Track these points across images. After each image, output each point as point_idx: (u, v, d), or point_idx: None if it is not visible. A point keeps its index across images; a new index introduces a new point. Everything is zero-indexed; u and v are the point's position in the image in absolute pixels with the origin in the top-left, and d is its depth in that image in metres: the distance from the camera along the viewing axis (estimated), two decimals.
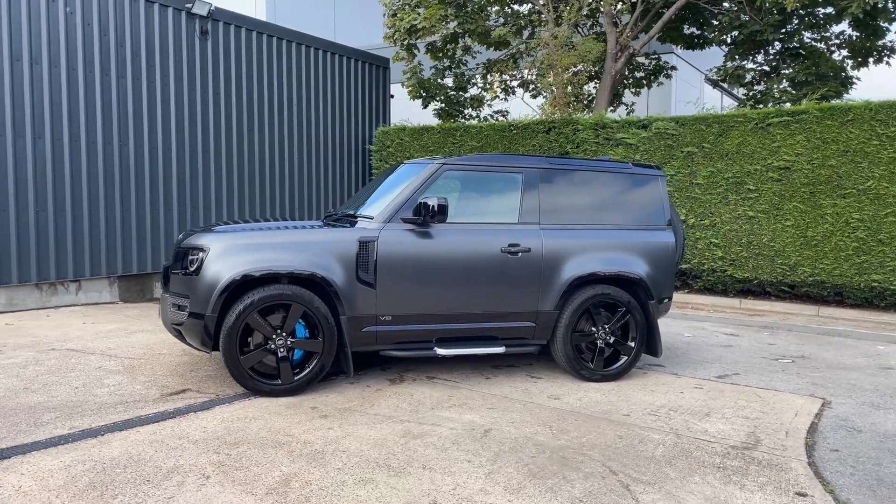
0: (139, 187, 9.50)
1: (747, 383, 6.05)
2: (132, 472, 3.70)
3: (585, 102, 13.18)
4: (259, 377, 5.15)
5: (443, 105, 13.95)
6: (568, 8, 11.67)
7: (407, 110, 14.91)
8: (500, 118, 13.97)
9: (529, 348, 5.90)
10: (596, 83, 13.01)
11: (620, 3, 11.93)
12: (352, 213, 5.95)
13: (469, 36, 12.94)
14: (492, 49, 13.86)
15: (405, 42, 12.50)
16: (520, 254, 5.71)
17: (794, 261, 9.39)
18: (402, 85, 13.59)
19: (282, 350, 5.16)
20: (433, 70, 13.63)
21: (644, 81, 15.26)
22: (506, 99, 14.66)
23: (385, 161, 12.79)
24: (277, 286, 5.13)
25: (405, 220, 5.48)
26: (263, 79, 11.17)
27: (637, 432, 4.67)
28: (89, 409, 4.75)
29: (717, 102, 21.95)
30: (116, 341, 6.88)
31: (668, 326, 8.66)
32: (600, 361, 5.95)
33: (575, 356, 5.88)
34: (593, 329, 5.94)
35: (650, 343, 6.16)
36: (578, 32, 13.28)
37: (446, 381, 5.77)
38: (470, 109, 14.42)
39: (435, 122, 13.68)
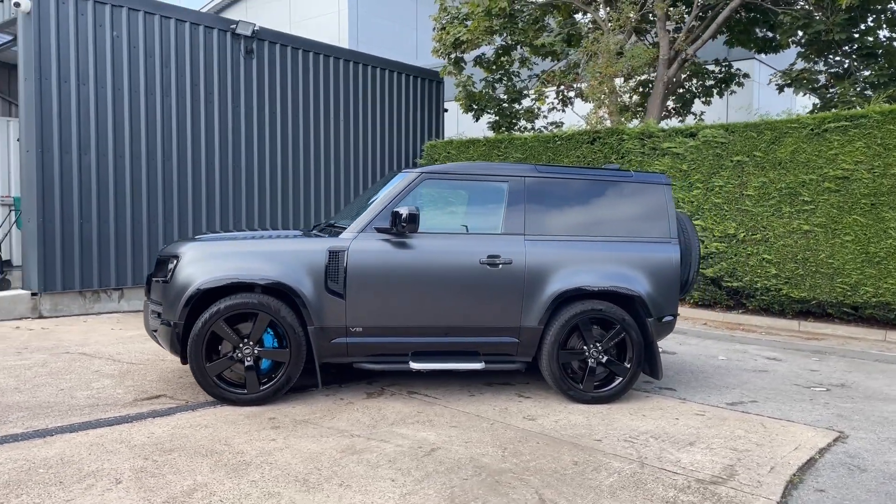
0: (181, 200, 9.90)
1: (759, 412, 5.49)
2: (53, 472, 3.77)
3: (634, 111, 12.60)
4: (226, 386, 5.17)
5: (496, 118, 13.77)
6: (618, 14, 11.24)
7: (463, 124, 14.84)
8: (555, 130, 13.62)
9: (514, 365, 5.61)
10: (648, 89, 12.41)
11: (674, 6, 11.34)
12: (334, 222, 5.90)
13: (522, 46, 12.72)
14: (547, 59, 13.57)
15: (451, 55, 12.44)
16: (500, 266, 5.45)
17: (856, 279, 8.50)
18: (455, 98, 13.54)
19: (248, 359, 5.16)
20: (483, 82, 13.50)
21: (714, 90, 14.46)
22: (563, 110, 14.29)
23: None
24: (245, 295, 5.14)
25: (379, 230, 5.37)
26: (309, 95, 11.43)
27: (598, 459, 4.30)
28: (59, 410, 4.91)
29: (803, 110, 20.51)
30: (129, 347, 7.14)
31: (705, 348, 8.06)
32: (591, 382, 5.57)
33: (562, 375, 5.53)
34: (584, 347, 5.57)
35: (650, 364, 5.72)
36: (642, 40, 12.76)
37: (425, 397, 5.57)
38: (524, 122, 14.15)
39: (490, 135, 13.52)
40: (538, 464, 4.19)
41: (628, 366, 5.60)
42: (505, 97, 13.63)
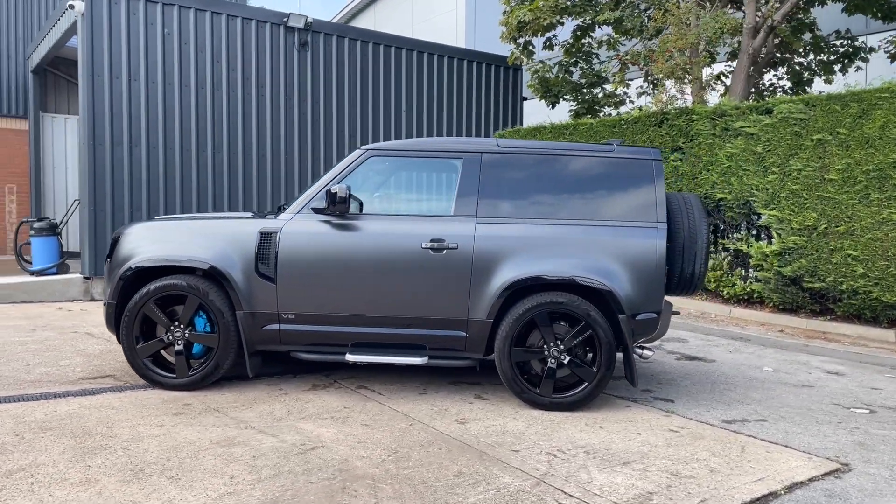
0: (232, 191, 10.15)
1: (755, 433, 4.50)
2: None
3: (711, 86, 11.12)
4: (158, 369, 5.05)
5: (577, 104, 12.87)
6: None
7: (553, 113, 14.07)
8: (622, 113, 12.42)
9: (462, 362, 5.02)
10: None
11: None
12: (285, 204, 5.63)
13: (600, 25, 11.77)
14: (635, 39, 12.49)
15: (517, 40, 11.76)
16: (445, 251, 4.89)
17: None
18: (528, 85, 12.84)
19: (179, 343, 5.02)
20: (557, 67, 12.65)
21: (835, 66, 12.60)
22: (649, 92, 13.08)
23: None
24: (174, 277, 5.00)
25: (315, 211, 5.02)
26: (368, 87, 11.31)
27: (491, 472, 3.67)
28: (4, 383, 5.04)
29: None
30: None
31: (758, 358, 6.89)
32: (549, 385, 4.85)
33: (514, 376, 4.87)
34: (544, 345, 4.87)
35: (626, 368, 4.90)
36: (727, 10, 11.30)
37: (370, 393, 5.14)
38: (609, 108, 13.12)
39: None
40: (414, 472, 3.63)
41: (595, 369, 4.83)
42: (583, 82, 12.71)
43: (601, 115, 13.16)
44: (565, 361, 4.85)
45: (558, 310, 4.82)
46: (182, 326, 5.01)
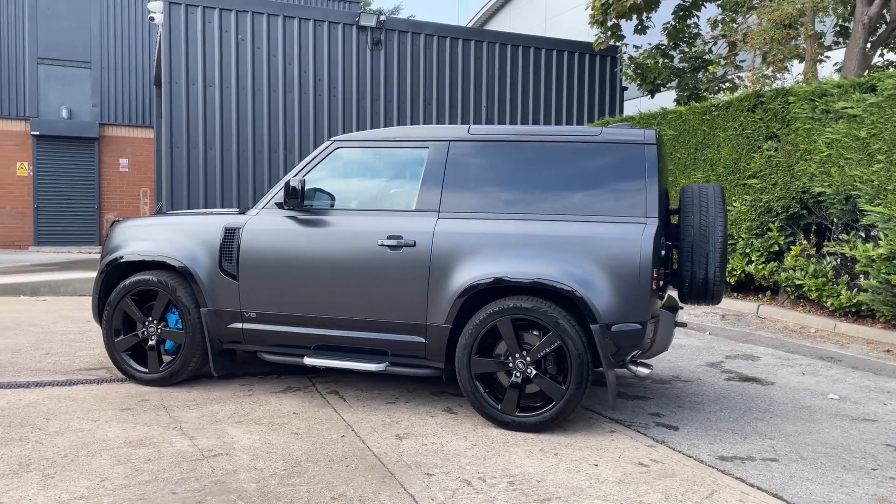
0: None
1: (745, 476, 3.67)
2: None
3: (819, 59, 9.41)
4: (135, 363, 5.09)
5: (679, 91, 11.67)
6: None
7: (660, 102, 12.95)
8: (714, 98, 10.97)
9: (424, 371, 4.57)
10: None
11: None
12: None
13: (703, 4, 10.59)
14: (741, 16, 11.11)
15: (605, 23, 10.85)
16: (402, 248, 4.48)
17: None
18: (621, 73, 11.85)
19: (152, 339, 5.03)
20: (655, 51, 11.49)
21: None
22: (773, 77, 11.54)
23: None
24: (146, 273, 5.02)
25: (278, 206, 4.83)
26: (445, 82, 11.03)
27: (377, 497, 3.24)
28: (8, 371, 5.33)
29: None
30: None
31: (832, 383, 5.76)
32: (512, 402, 4.28)
33: (474, 389, 4.35)
34: (510, 357, 4.31)
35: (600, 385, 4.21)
36: None
37: (335, 398, 4.84)
38: (722, 94, 11.77)
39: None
40: (293, 491, 3.29)
41: (564, 386, 4.19)
42: (684, 66, 11.50)
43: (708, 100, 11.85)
44: (531, 375, 4.26)
45: (525, 316, 4.24)
46: (154, 322, 5.02)
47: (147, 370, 5.04)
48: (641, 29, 11.06)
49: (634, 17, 10.88)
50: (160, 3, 9.44)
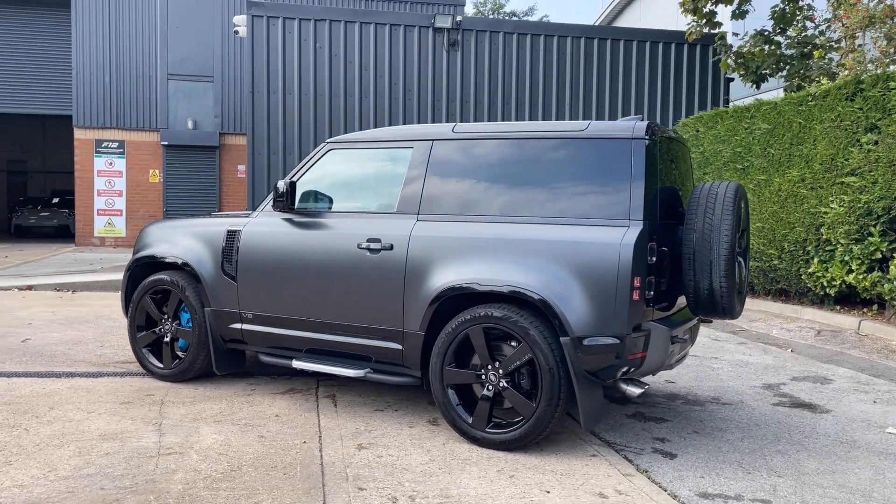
0: None
1: None
2: None
3: None
4: (154, 359, 5.33)
5: (786, 80, 10.50)
6: None
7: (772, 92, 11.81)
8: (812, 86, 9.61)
9: (403, 378, 4.40)
10: None
11: None
12: None
13: None
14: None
15: (699, 9, 9.96)
16: (380, 252, 4.35)
17: None
18: (720, 64, 10.85)
19: (167, 336, 5.25)
20: (756, 37, 10.38)
21: None
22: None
23: None
24: (164, 272, 5.24)
25: (272, 208, 4.87)
26: (525, 80, 10.73)
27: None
28: (55, 361, 5.76)
29: None
30: None
31: (888, 407, 4.92)
32: (482, 416, 4.01)
33: (446, 401, 4.13)
34: (484, 368, 4.05)
35: (573, 403, 3.84)
36: None
37: (328, 402, 4.79)
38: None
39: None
40: (211, 495, 3.28)
41: (535, 403, 3.86)
42: (791, 54, 10.33)
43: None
44: (501, 387, 3.97)
45: (496, 326, 3.96)
46: (169, 320, 5.24)
47: (162, 366, 5.27)
48: (740, 13, 10.09)
49: (735, 0, 9.99)
50: (244, 16, 9.96)
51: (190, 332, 5.13)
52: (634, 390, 3.98)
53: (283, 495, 3.30)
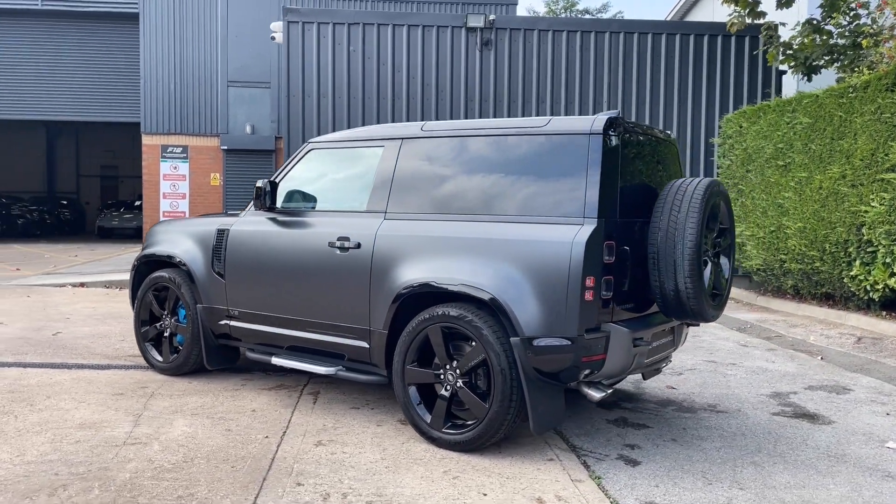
0: None
1: None
2: None
3: None
4: (156, 353, 5.54)
5: (842, 72, 9.83)
6: None
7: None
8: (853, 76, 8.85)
9: (370, 377, 4.40)
10: None
11: None
12: None
13: None
14: None
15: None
16: (349, 250, 4.38)
17: None
18: (766, 55, 10.28)
19: (167, 331, 5.45)
20: (804, 26, 9.74)
21: None
22: None
23: (725, 157, 10.09)
24: (165, 270, 5.44)
25: (254, 208, 4.99)
26: (560, 79, 10.55)
27: (221, 500, 3.21)
28: (66, 352, 6.08)
29: None
30: None
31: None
32: (440, 417, 3.98)
33: (407, 400, 4.11)
34: (442, 368, 4.01)
35: (524, 408, 3.74)
36: None
37: (308, 399, 4.86)
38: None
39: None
40: (152, 485, 3.39)
41: (487, 404, 3.79)
42: (845, 42, 9.67)
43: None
44: (458, 387, 3.92)
45: (453, 325, 3.92)
46: (168, 316, 5.44)
47: (162, 360, 5.48)
48: (786, 2, 9.56)
49: None
50: (280, 23, 10.23)
51: (185, 327, 5.31)
52: (595, 394, 3.85)
53: (220, 487, 3.37)
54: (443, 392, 3.98)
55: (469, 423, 3.91)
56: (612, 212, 3.74)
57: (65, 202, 29.11)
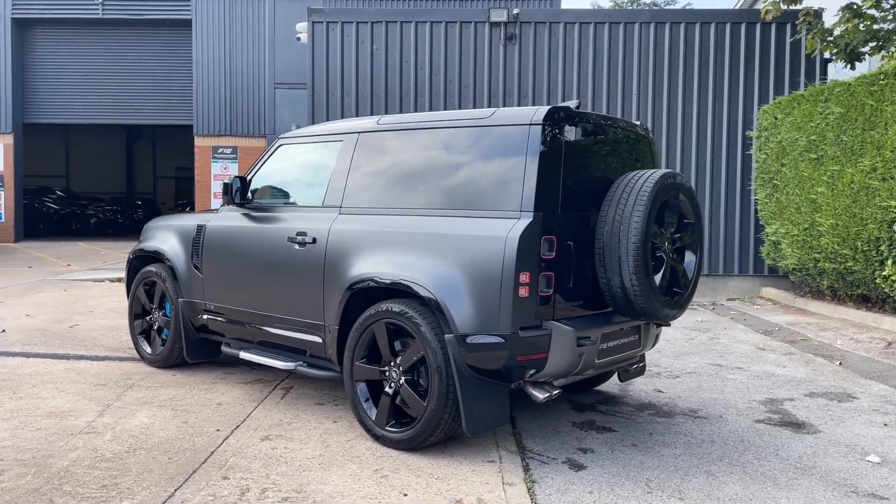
0: None
1: None
2: None
3: None
4: (146, 345, 5.69)
5: (889, 59, 9.13)
6: None
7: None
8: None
9: (329, 373, 4.37)
10: None
11: None
12: None
13: None
14: None
15: None
16: (306, 245, 4.38)
17: None
18: (806, 44, 9.64)
19: (156, 324, 5.59)
20: (844, 11, 9.07)
21: None
22: None
23: (761, 150, 9.57)
24: (154, 265, 5.58)
25: (224, 203, 5.05)
26: (587, 72, 10.26)
27: (134, 489, 3.25)
28: (70, 343, 6.33)
29: None
30: None
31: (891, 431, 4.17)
32: (383, 414, 3.92)
33: (354, 397, 4.07)
34: (388, 364, 3.94)
35: (458, 408, 3.63)
36: None
37: (273, 395, 4.88)
38: None
39: None
40: (77, 470, 3.46)
41: (426, 403, 3.70)
42: (889, 26, 8.97)
43: None
44: (400, 384, 3.85)
45: (397, 322, 3.85)
46: (155, 309, 5.58)
47: (150, 352, 5.63)
48: None
49: None
50: (305, 23, 10.35)
51: (165, 320, 5.43)
52: (539, 394, 3.71)
53: (146, 478, 3.42)
54: (387, 389, 3.92)
55: (408, 421, 3.84)
56: (553, 206, 3.59)
57: (139, 202, 30.45)
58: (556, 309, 3.63)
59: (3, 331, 6.85)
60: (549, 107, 3.68)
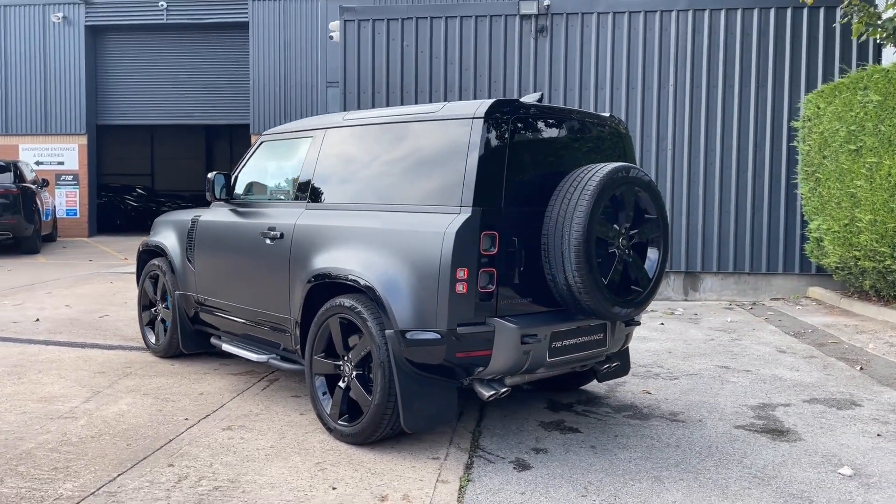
0: None
1: None
2: None
3: None
4: (151, 336, 5.94)
5: None
6: None
7: None
8: None
9: (297, 366, 4.44)
10: None
11: None
12: None
13: None
14: None
15: None
16: (276, 240, 4.46)
17: None
18: (853, 28, 8.99)
19: (159, 315, 5.82)
20: None
21: None
22: None
23: (804, 141, 9.05)
24: (156, 259, 5.81)
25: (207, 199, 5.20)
26: (622, 64, 9.97)
27: (87, 472, 3.41)
28: (88, 332, 6.67)
29: None
30: None
31: (889, 444, 3.86)
32: (336, 407, 3.96)
33: (313, 390, 4.12)
34: (341, 359, 3.98)
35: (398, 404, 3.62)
36: None
37: (257, 386, 5.00)
38: None
39: None
40: (41, 454, 3.65)
41: (371, 397, 3.71)
42: None
43: None
44: (351, 381, 3.87)
45: (347, 316, 3.88)
46: (159, 301, 5.82)
47: (154, 342, 5.87)
48: None
49: None
50: (338, 22, 10.49)
51: (166, 311, 5.65)
52: (484, 392, 3.67)
53: (97, 463, 3.57)
54: (340, 383, 3.95)
55: (357, 416, 3.85)
56: (496, 201, 3.52)
57: None
58: (500, 305, 3.57)
59: (37, 320, 7.30)
60: (493, 100, 3.62)
